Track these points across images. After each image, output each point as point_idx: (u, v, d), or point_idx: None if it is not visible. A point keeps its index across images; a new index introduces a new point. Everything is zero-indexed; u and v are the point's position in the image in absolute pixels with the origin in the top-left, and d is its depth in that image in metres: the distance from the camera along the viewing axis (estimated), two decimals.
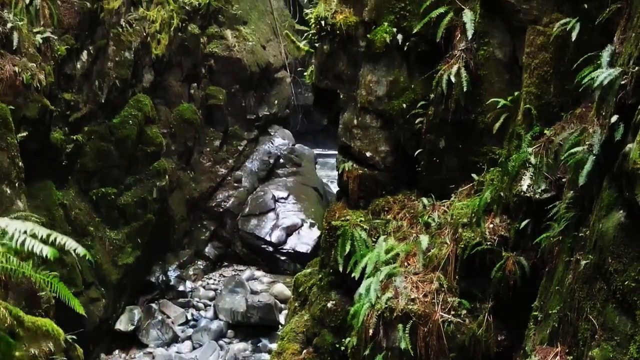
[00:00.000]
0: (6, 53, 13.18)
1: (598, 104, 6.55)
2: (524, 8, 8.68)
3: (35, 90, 13.37)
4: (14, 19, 13.42)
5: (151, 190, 16.34)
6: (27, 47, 13.73)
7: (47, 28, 14.29)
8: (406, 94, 9.84)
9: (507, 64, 9.15)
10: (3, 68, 12.99)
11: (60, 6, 14.95)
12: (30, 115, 13.14)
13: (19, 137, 13.04)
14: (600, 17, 7.57)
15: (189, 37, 18.31)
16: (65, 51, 14.59)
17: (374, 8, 9.88)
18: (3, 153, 8.89)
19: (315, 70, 10.40)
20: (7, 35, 13.25)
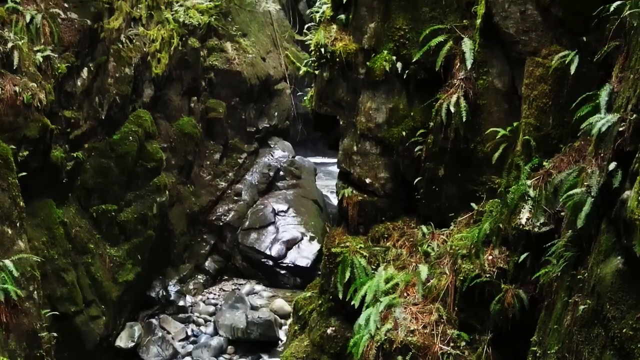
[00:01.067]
0: (7, 72, 13.19)
1: (596, 143, 6.59)
2: (523, 39, 8.72)
3: (36, 110, 13.38)
4: (15, 38, 13.46)
5: (151, 206, 16.35)
6: (27, 66, 13.74)
7: (47, 46, 14.30)
8: (405, 122, 9.87)
9: (506, 94, 9.19)
10: (3, 88, 13.01)
11: (60, 24, 14.96)
12: (30, 135, 13.15)
13: (20, 157, 13.17)
14: (599, 53, 7.60)
15: (189, 51, 18.33)
16: (65, 69, 14.60)
17: (373, 36, 9.92)
18: (4, 194, 8.90)
19: (315, 96, 10.43)
20: (7, 55, 13.26)
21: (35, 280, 9.19)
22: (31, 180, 13.38)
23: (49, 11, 14.55)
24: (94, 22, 15.11)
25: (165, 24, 13.69)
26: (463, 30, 9.56)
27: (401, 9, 9.87)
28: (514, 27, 8.73)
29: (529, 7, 8.61)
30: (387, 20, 9.87)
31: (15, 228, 8.68)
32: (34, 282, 9.06)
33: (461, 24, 9.64)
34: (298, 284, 18.29)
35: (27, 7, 14.19)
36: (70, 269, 14.02)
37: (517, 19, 8.69)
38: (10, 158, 9.76)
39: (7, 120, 12.90)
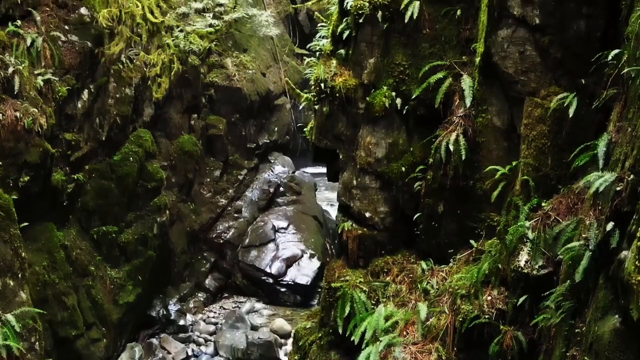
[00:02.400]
0: (8, 97, 13.26)
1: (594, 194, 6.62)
2: (522, 79, 8.76)
3: (37, 135, 13.43)
4: (16, 62, 13.52)
5: (152, 227, 16.40)
6: (28, 91, 13.80)
7: (48, 69, 14.35)
8: (405, 157, 9.92)
9: (505, 132, 9.22)
10: (5, 113, 13.08)
11: (61, 46, 15.00)
12: (31, 160, 13.22)
13: (21, 182, 13.22)
14: (597, 100, 7.65)
15: (189, 69, 18.36)
16: (66, 92, 14.63)
17: (373, 71, 9.96)
18: (6, 245, 8.95)
19: (315, 130, 10.47)
20: (8, 80, 13.34)
21: (37, 331, 9.28)
22: (32, 204, 13.46)
23: (50, 34, 14.60)
24: (94, 45, 15.15)
25: (166, 48, 13.72)
26: (462, 66, 9.61)
27: (400, 45, 9.90)
28: (513, 67, 8.77)
29: (528, 48, 8.65)
30: (387, 55, 9.91)
31: (17, 279, 8.73)
32: (35, 334, 9.15)
33: (460, 60, 9.69)
34: (298, 301, 18.36)
35: (28, 31, 14.25)
36: (71, 293, 14.07)
37: (516, 59, 8.73)
38: (12, 209, 9.82)
39: (8, 146, 12.97)
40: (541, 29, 8.52)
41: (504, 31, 8.75)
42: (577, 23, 8.32)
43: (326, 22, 12.22)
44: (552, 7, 8.38)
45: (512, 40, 8.70)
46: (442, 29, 9.85)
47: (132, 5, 13.49)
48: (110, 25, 13.43)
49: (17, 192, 13.00)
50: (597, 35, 8.31)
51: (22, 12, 14.44)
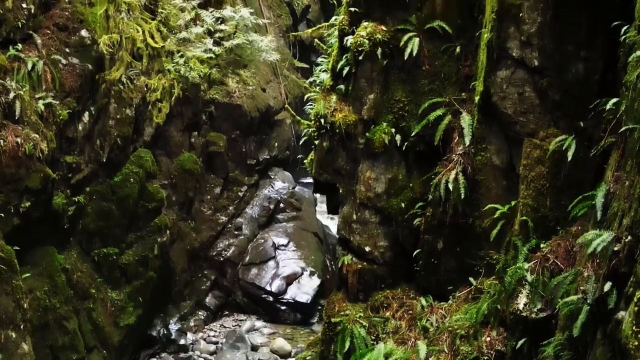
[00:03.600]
0: (9, 123, 13.27)
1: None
2: (521, 120, 8.82)
3: (38, 160, 13.45)
4: (17, 87, 13.53)
5: (152, 247, 16.42)
6: (29, 115, 13.82)
7: (49, 93, 14.35)
8: (404, 192, 9.97)
9: (504, 171, 9.28)
10: (5, 139, 13.10)
11: (62, 69, 15.02)
12: (32, 185, 13.24)
13: (22, 208, 13.26)
14: (596, 148, 7.69)
15: (189, 87, 18.34)
16: (67, 115, 14.63)
17: (372, 107, 10.01)
18: (8, 297, 8.99)
19: (315, 164, 10.53)
20: (9, 105, 13.36)
21: None
22: (33, 229, 13.50)
23: (51, 57, 14.61)
24: (95, 67, 15.17)
25: (166, 73, 13.76)
26: (462, 103, 9.66)
27: (400, 81, 9.96)
28: (512, 108, 8.83)
29: (527, 89, 8.71)
30: (386, 91, 9.97)
31: (19, 331, 8.78)
32: None
33: (460, 97, 9.74)
34: (298, 319, 18.40)
35: (29, 54, 14.27)
36: (72, 317, 14.10)
37: (515, 100, 8.79)
38: (14, 260, 9.86)
39: (9, 172, 12.99)
40: (540, 71, 8.58)
41: (503, 72, 8.81)
42: (576, 66, 8.39)
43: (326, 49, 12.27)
44: (550, 49, 8.44)
45: (511, 81, 8.76)
46: (442, 65, 9.91)
47: (132, 31, 13.52)
48: (111, 51, 13.45)
49: (18, 217, 13.06)
50: (596, 79, 8.37)
51: (23, 35, 14.44)
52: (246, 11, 13.93)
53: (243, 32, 13.95)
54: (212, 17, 13.81)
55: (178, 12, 14.19)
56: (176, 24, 14.20)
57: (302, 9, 27.95)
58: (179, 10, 14.22)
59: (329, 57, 11.10)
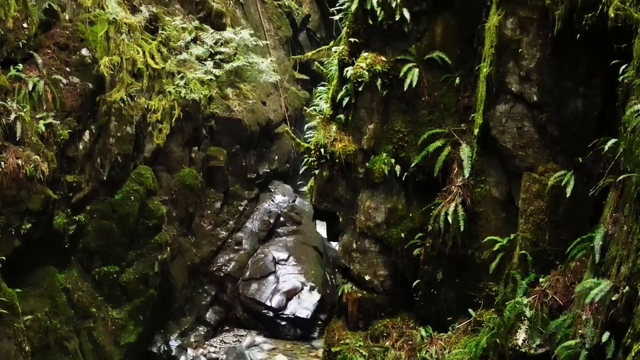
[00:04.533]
0: (10, 144, 13.30)
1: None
2: (520, 154, 8.86)
3: (38, 182, 13.49)
4: (17, 108, 13.56)
5: (153, 265, 16.46)
6: (30, 136, 13.84)
7: (49, 113, 14.37)
8: (404, 222, 10.02)
9: (503, 203, 9.33)
10: (6, 161, 13.13)
11: (62, 89, 15.05)
12: (33, 207, 13.27)
13: (22, 230, 13.29)
14: (594, 188, 7.73)
15: (190, 102, 18.39)
16: (67, 135, 14.65)
17: (372, 137, 10.05)
18: (10, 341, 9.04)
19: (315, 193, 10.57)
20: (10, 126, 13.40)
21: None
22: (33, 249, 13.54)
23: (51, 77, 14.64)
24: (95, 86, 15.20)
25: (167, 94, 13.80)
26: (461, 134, 9.70)
27: (400, 111, 10.01)
28: (511, 142, 8.87)
29: (526, 124, 8.75)
30: (386, 122, 10.01)
31: None
32: None
33: (459, 128, 9.79)
34: (298, 335, 18.44)
35: (30, 74, 14.29)
36: (72, 337, 14.14)
37: (514, 134, 8.83)
38: (16, 303, 9.91)
39: (10, 194, 13.02)
40: (539, 106, 8.62)
41: (502, 106, 8.85)
42: (575, 102, 8.43)
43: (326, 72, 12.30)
44: (549, 85, 8.48)
45: (510, 115, 8.80)
46: (441, 96, 9.96)
47: (133, 52, 13.55)
48: (112, 73, 13.49)
49: (19, 239, 13.10)
50: (594, 115, 8.42)
51: (24, 55, 14.46)
52: (246, 33, 13.96)
53: (243, 54, 13.97)
54: (212, 38, 13.83)
55: (178, 33, 14.20)
56: (176, 44, 14.21)
57: (302, 19, 27.98)
58: (179, 31, 14.23)
59: (329, 84, 11.14)
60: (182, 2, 19.95)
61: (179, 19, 14.63)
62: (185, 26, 14.25)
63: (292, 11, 27.24)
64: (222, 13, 20.89)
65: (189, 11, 20.21)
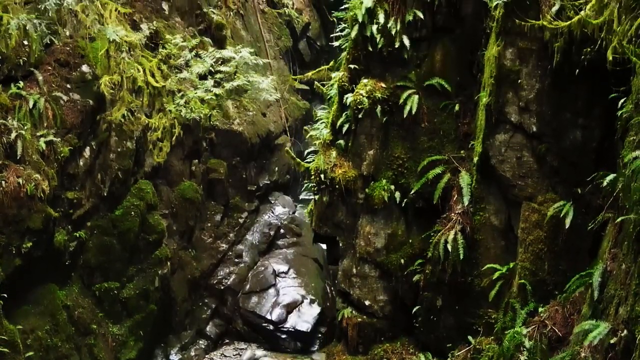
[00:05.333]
0: (10, 163, 13.35)
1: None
2: (519, 184, 8.90)
3: (39, 200, 13.52)
4: (18, 126, 13.58)
5: (153, 280, 16.48)
6: (30, 155, 13.87)
7: (50, 130, 14.39)
8: (404, 248, 10.05)
9: (502, 231, 9.37)
10: (7, 180, 13.17)
11: (63, 106, 15.07)
12: (34, 226, 13.32)
13: (23, 249, 13.32)
14: (592, 223, 7.77)
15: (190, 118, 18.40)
16: (68, 152, 14.67)
17: (372, 163, 10.08)
18: None
19: (315, 217, 10.61)
20: (11, 145, 13.42)
21: None
22: (34, 268, 13.58)
23: (52, 94, 14.67)
24: (96, 103, 15.23)
25: (167, 112, 13.83)
26: (460, 161, 9.74)
27: (399, 138, 10.04)
28: (511, 172, 8.90)
29: (525, 154, 8.79)
30: (386, 148, 10.04)
31: None
32: None
33: (459, 154, 9.82)
34: (299, 348, 18.39)
35: (31, 91, 14.32)
36: (73, 354, 14.17)
37: (513, 163, 8.87)
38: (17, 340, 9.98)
39: (11, 213, 13.07)
40: (538, 137, 8.66)
41: (502, 135, 8.89)
42: (574, 133, 8.47)
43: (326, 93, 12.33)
44: (549, 116, 8.52)
45: (509, 145, 8.85)
46: (441, 122, 9.99)
47: (133, 70, 13.58)
48: (112, 92, 13.52)
49: (19, 258, 13.16)
50: (593, 146, 8.46)
51: (25, 72, 14.49)
52: (246, 51, 13.97)
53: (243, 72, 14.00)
54: (212, 57, 13.86)
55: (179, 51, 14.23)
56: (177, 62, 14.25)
57: (302, 27, 27.98)
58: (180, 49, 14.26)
59: (329, 107, 11.16)
60: (182, 15, 19.98)
61: (179, 37, 14.64)
62: (186, 44, 14.24)
63: (292, 19, 27.24)
64: (222, 25, 20.92)
65: (189, 24, 20.25)
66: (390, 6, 9.67)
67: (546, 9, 8.05)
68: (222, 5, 22.09)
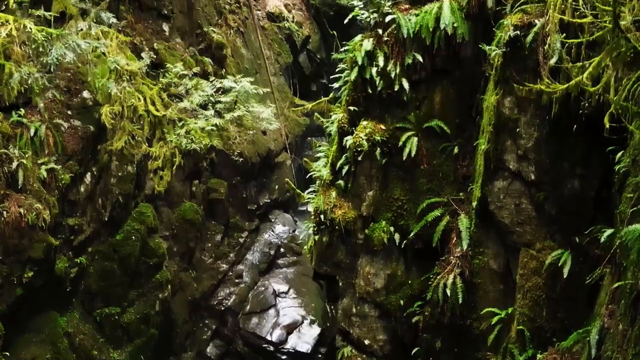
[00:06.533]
0: (12, 192, 13.40)
1: None
2: (518, 230, 8.93)
3: (40, 230, 13.58)
4: (20, 154, 13.62)
5: (154, 304, 16.55)
6: (32, 183, 13.91)
7: (51, 157, 14.44)
8: (403, 289, 10.10)
9: (501, 275, 9.40)
10: (9, 210, 13.22)
11: (64, 132, 15.12)
12: (35, 256, 13.40)
13: (25, 278, 13.37)
14: (589, 278, 7.81)
15: None
16: (69, 179, 14.72)
17: (372, 204, 10.13)
18: None
19: (315, 257, 10.65)
20: (12, 174, 13.48)
21: None
22: (35, 296, 13.64)
23: (53, 121, 14.72)
24: (97, 129, 15.27)
25: (168, 142, 13.85)
26: (459, 203, 9.78)
27: (399, 179, 10.08)
28: (509, 218, 8.94)
29: (524, 202, 8.82)
30: (385, 189, 10.08)
31: None
32: None
33: (458, 197, 9.86)
34: None
35: (32, 119, 14.37)
36: None
37: (512, 210, 8.90)
38: None
39: (12, 243, 13.12)
40: (536, 185, 8.70)
41: (500, 182, 8.93)
42: (572, 182, 8.50)
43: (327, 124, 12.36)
44: (547, 165, 8.56)
45: (508, 192, 8.88)
46: (440, 164, 10.03)
47: (134, 100, 13.60)
48: (113, 122, 13.56)
49: (21, 288, 13.23)
50: (591, 195, 8.49)
51: (26, 99, 14.56)
52: (246, 82, 14.02)
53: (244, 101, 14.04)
54: (212, 87, 13.90)
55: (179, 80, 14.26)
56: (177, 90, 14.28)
57: (302, 40, 28.02)
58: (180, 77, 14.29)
59: (329, 145, 11.21)
60: (183, 35, 20.04)
61: (180, 65, 14.68)
62: (186, 72, 14.28)
63: (292, 33, 27.28)
64: (223, 45, 20.99)
65: (189, 43, 20.31)
66: (390, 49, 9.72)
67: (544, 60, 8.09)
68: (223, 23, 22.15)
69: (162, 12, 19.13)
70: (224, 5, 22.64)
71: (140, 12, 18.78)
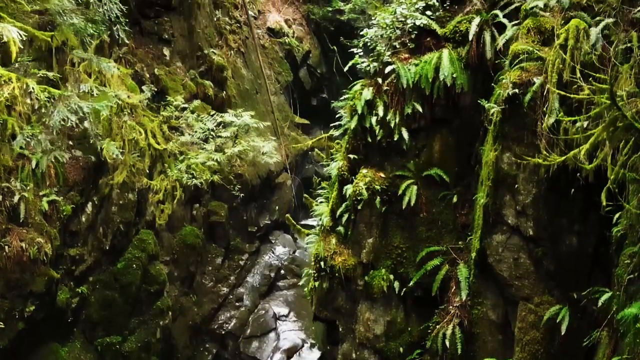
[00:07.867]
0: (13, 226, 13.43)
1: None
2: (516, 284, 8.99)
3: (42, 263, 13.63)
4: (21, 187, 13.66)
5: (155, 332, 16.60)
6: (33, 216, 13.95)
7: (52, 189, 14.48)
8: (403, 337, 10.15)
9: (500, 325, 9.46)
10: (10, 245, 13.27)
11: (65, 163, 15.16)
12: (37, 290, 13.44)
13: (26, 312, 13.43)
14: (587, 339, 7.87)
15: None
16: (70, 210, 14.80)
17: (371, 251, 10.19)
18: None
19: (315, 302, 10.72)
20: (14, 208, 13.52)
21: None
22: (36, 329, 13.70)
23: (54, 152, 14.77)
24: (98, 159, 15.34)
25: (169, 175, 13.94)
26: (459, 252, 9.84)
27: (398, 227, 10.14)
28: (508, 272, 9.00)
29: (522, 256, 8.88)
30: (385, 236, 10.14)
31: None
32: None
33: (457, 245, 9.92)
34: None
35: (33, 151, 14.43)
36: None
37: (510, 264, 8.97)
38: None
39: (14, 277, 13.17)
40: (535, 240, 8.76)
41: (499, 236, 8.99)
42: (570, 238, 8.56)
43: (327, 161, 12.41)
44: (545, 221, 8.62)
45: (506, 246, 8.94)
46: (439, 212, 10.09)
47: (135, 133, 13.69)
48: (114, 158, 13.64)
49: (23, 322, 13.28)
50: (589, 251, 8.55)
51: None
52: (247, 116, 14.09)
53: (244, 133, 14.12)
54: (213, 121, 13.98)
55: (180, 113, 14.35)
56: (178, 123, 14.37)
57: (302, 55, 28.09)
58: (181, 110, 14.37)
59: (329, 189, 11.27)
60: (183, 59, 20.09)
61: (180, 98, 14.75)
62: (186, 106, 14.35)
63: (292, 48, 27.35)
64: (223, 67, 21.04)
65: (190, 66, 20.35)
66: (389, 98, 9.78)
67: (541, 118, 8.16)
68: (223, 44, 22.21)
69: (162, 37, 19.18)
70: (225, 25, 22.70)
71: (141, 37, 18.83)
